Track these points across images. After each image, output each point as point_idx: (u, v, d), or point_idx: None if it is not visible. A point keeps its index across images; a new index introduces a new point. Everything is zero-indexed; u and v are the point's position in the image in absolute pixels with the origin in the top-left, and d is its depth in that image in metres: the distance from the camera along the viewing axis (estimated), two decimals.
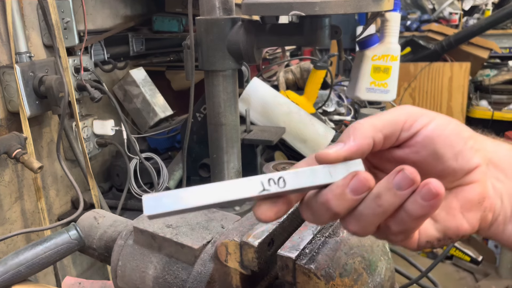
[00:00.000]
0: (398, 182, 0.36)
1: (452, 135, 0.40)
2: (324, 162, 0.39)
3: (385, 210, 0.37)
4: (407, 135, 0.41)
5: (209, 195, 0.38)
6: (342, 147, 0.39)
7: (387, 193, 0.37)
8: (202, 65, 1.24)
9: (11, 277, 0.64)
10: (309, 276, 0.46)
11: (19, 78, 1.11)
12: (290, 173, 0.39)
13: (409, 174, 0.36)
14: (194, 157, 1.53)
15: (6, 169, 1.17)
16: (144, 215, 0.38)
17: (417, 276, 1.29)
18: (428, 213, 0.37)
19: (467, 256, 2.85)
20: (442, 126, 0.41)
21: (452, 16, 4.39)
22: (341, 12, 1.05)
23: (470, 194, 0.41)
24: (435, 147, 0.40)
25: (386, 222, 0.39)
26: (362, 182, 0.37)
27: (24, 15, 1.17)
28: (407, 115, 0.41)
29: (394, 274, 0.56)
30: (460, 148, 0.40)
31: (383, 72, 1.81)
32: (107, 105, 1.57)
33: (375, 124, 0.41)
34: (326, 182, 0.39)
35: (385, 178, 0.37)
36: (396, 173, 0.37)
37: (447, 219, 0.41)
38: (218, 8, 1.20)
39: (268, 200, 0.40)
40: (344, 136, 0.41)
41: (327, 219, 0.39)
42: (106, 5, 1.52)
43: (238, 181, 0.39)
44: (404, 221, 0.38)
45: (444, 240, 0.41)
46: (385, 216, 0.38)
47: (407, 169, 0.36)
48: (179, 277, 0.59)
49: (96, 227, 0.73)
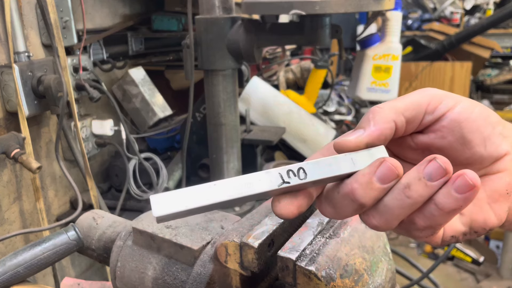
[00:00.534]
0: (430, 171, 0.34)
1: (480, 119, 0.38)
2: (344, 150, 0.37)
3: (414, 202, 0.34)
4: (431, 118, 0.38)
5: (223, 191, 0.35)
6: (363, 133, 0.37)
7: (417, 183, 0.34)
8: (202, 64, 1.24)
9: (10, 278, 0.63)
10: (310, 277, 0.46)
11: (18, 77, 1.11)
12: (310, 163, 0.36)
13: (442, 163, 0.33)
14: (194, 157, 1.53)
15: (5, 169, 1.17)
16: (153, 216, 0.34)
17: (418, 277, 1.29)
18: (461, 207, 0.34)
19: (468, 257, 2.84)
20: (469, 109, 0.38)
21: (454, 15, 4.39)
22: (341, 11, 1.05)
23: (498, 184, 0.38)
24: (463, 131, 0.37)
25: (412, 216, 0.36)
26: (391, 169, 0.34)
27: (23, 14, 1.16)
28: (430, 97, 0.38)
29: (395, 275, 0.55)
30: (489, 134, 0.38)
31: (384, 72, 1.81)
32: (106, 105, 1.57)
33: (397, 107, 0.38)
34: (350, 171, 0.36)
35: (415, 168, 0.35)
36: (427, 162, 0.34)
37: (473, 212, 0.38)
38: (218, 7, 1.20)
39: (287, 194, 0.36)
40: (363, 121, 0.38)
41: (351, 211, 0.36)
42: (105, 4, 1.52)
43: (255, 175, 0.36)
44: (433, 216, 0.35)
45: (470, 234, 0.39)
46: (413, 209, 0.35)
47: (439, 158, 0.34)
48: (178, 278, 0.58)
49: (95, 228, 0.73)
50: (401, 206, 0.35)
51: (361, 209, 0.36)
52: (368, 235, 0.53)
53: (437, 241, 0.39)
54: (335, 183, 0.37)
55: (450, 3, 4.46)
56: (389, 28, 1.83)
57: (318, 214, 0.53)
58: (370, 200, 0.35)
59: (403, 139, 0.41)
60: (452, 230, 0.38)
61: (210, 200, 0.35)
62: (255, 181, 0.35)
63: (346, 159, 0.36)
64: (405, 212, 0.35)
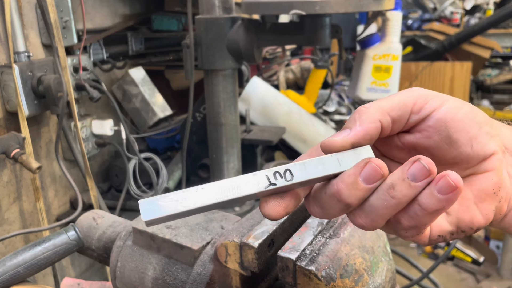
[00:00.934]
0: (414, 172, 0.34)
1: (466, 119, 0.38)
2: (330, 150, 0.37)
3: (398, 203, 0.35)
4: (417, 118, 0.39)
5: (211, 194, 0.35)
6: (348, 133, 0.37)
7: (401, 184, 0.34)
8: (202, 64, 1.24)
9: (10, 278, 0.63)
10: (310, 277, 0.46)
11: (18, 77, 1.11)
12: (297, 165, 0.36)
13: (426, 164, 0.34)
14: (194, 157, 1.53)
15: (5, 169, 1.17)
16: (142, 220, 0.35)
17: (418, 277, 1.29)
18: (444, 207, 0.34)
19: (468, 257, 2.84)
20: (455, 109, 0.38)
21: (454, 15, 4.39)
22: (341, 11, 1.05)
23: (485, 183, 0.38)
24: (449, 131, 0.38)
25: (397, 216, 0.36)
26: (376, 169, 0.35)
27: (23, 14, 1.16)
28: (416, 97, 0.39)
29: (395, 275, 0.55)
30: (475, 133, 0.38)
31: (384, 72, 1.81)
32: (106, 105, 1.56)
33: (382, 107, 0.38)
34: (336, 172, 0.36)
35: (399, 168, 0.35)
36: (411, 163, 0.35)
37: (460, 211, 0.38)
38: (218, 7, 1.20)
39: (274, 196, 0.37)
40: (349, 121, 0.38)
41: (338, 211, 0.37)
42: (105, 4, 1.52)
43: (242, 177, 0.36)
44: (417, 216, 0.35)
45: (457, 234, 0.39)
46: (398, 209, 0.36)
47: (423, 159, 0.34)
48: (178, 278, 0.58)
49: (95, 228, 0.73)
50: (385, 206, 0.35)
51: (348, 209, 0.37)
52: (368, 235, 0.53)
53: (424, 241, 0.39)
54: (322, 184, 0.38)
55: (450, 3, 4.46)
56: (389, 28, 1.83)
57: None
58: (355, 200, 0.36)
59: (390, 139, 0.41)
60: (439, 229, 0.39)
61: (198, 203, 0.35)
62: (243, 183, 0.36)
63: (332, 159, 0.37)
64: (390, 212, 0.36)
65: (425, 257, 2.99)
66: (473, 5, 4.57)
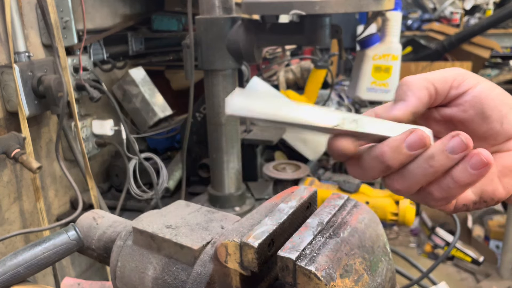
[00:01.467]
0: (453, 145, 0.38)
1: (498, 99, 0.42)
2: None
3: (435, 171, 0.39)
4: (456, 93, 0.42)
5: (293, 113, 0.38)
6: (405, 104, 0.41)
7: (440, 154, 0.38)
8: (202, 64, 1.24)
9: (10, 278, 0.63)
10: (310, 277, 0.46)
11: (18, 77, 1.11)
12: (364, 118, 0.40)
13: (464, 139, 0.37)
14: (194, 157, 1.53)
15: (5, 169, 1.17)
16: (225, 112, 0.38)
17: (418, 277, 1.29)
18: (475, 181, 0.38)
19: (468, 257, 2.85)
20: (489, 89, 0.42)
21: (453, 16, 4.39)
22: (341, 11, 1.05)
23: (509, 160, 0.43)
24: (483, 107, 0.42)
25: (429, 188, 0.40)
26: (420, 138, 0.39)
27: (23, 14, 1.16)
28: (455, 74, 0.43)
29: (395, 275, 0.55)
30: (506, 112, 0.42)
31: (384, 72, 1.81)
32: (106, 105, 1.57)
33: (427, 78, 0.42)
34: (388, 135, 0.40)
35: (440, 140, 0.39)
36: (451, 137, 0.38)
37: (484, 183, 0.42)
38: (218, 7, 1.20)
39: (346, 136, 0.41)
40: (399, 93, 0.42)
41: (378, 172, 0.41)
42: (105, 4, 1.52)
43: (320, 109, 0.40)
44: (449, 188, 0.39)
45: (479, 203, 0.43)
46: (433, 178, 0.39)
47: (462, 134, 0.38)
48: (178, 278, 0.58)
49: (95, 228, 0.73)
50: (423, 173, 0.39)
51: (387, 170, 0.40)
52: (368, 235, 0.53)
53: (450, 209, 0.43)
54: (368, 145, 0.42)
55: (450, 3, 4.46)
56: (389, 28, 1.83)
57: (318, 214, 0.53)
58: (396, 163, 0.39)
59: (429, 112, 0.45)
60: (464, 199, 0.42)
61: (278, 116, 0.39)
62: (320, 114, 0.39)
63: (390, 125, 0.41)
64: (426, 179, 0.39)
65: (425, 257, 2.99)
66: (472, 5, 4.57)
